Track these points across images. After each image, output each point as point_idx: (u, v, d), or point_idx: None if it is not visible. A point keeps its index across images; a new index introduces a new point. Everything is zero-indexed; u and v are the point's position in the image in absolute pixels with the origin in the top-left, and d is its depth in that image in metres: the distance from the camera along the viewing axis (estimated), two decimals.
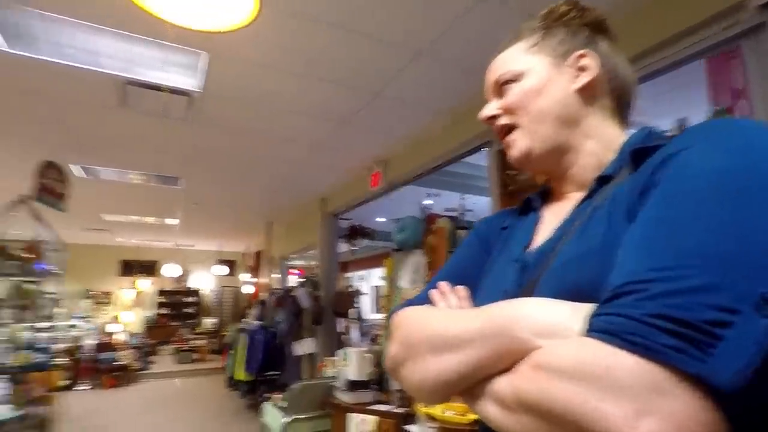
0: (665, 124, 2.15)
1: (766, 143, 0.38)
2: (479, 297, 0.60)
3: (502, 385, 0.41)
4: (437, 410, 1.92)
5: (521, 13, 1.89)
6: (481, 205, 3.63)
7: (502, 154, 2.63)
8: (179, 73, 2.45)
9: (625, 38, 1.89)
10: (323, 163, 4.14)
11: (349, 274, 11.26)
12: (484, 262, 0.65)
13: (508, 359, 0.41)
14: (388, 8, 1.92)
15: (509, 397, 0.39)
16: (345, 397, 2.50)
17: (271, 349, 5.28)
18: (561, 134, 0.58)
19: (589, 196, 0.54)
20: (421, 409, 1.99)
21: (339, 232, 5.50)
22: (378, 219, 7.09)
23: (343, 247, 5.94)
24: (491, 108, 0.64)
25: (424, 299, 0.63)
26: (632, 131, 0.60)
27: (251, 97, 2.75)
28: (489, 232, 0.70)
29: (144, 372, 7.72)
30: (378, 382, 2.65)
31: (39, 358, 3.62)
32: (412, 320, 0.56)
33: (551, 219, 0.60)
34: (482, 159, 2.99)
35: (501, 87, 0.63)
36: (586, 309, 0.38)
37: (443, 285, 0.63)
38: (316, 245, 5.54)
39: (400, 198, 5.08)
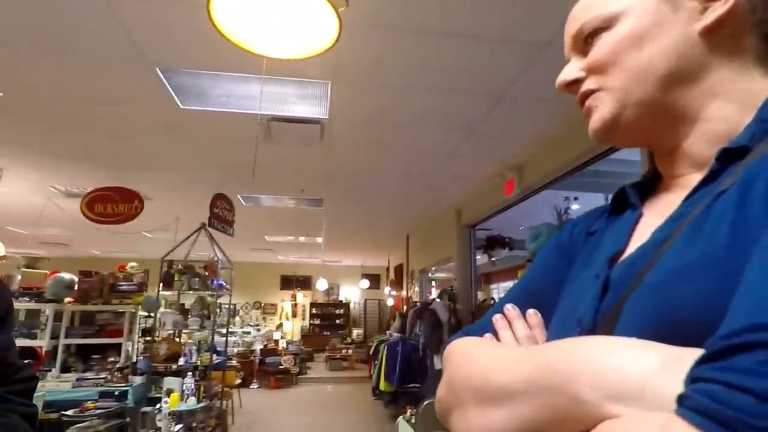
0: None
1: None
2: (551, 327, 0.45)
3: None
4: None
5: None
6: None
7: None
8: (309, 104, 2.67)
9: None
10: (454, 174, 4.07)
11: (493, 286, 10.88)
12: (563, 278, 0.49)
13: (570, 425, 0.28)
14: (496, 7, 1.79)
15: None
16: None
17: (410, 361, 5.34)
18: (671, 95, 0.41)
19: (708, 180, 0.37)
20: None
21: (476, 243, 5.34)
22: (521, 227, 6.70)
23: (482, 258, 5.74)
24: (572, 69, 0.47)
25: (486, 326, 0.49)
26: None
27: (373, 116, 2.84)
28: (573, 239, 0.53)
29: (302, 376, 8.55)
30: None
31: (218, 359, 4.26)
32: (459, 357, 0.44)
33: (654, 216, 0.42)
34: (634, 153, 2.56)
35: (587, 40, 0.45)
36: (686, 357, 0.24)
37: (510, 308, 0.49)
38: (453, 257, 5.46)
39: (543, 203, 4.70)
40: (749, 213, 0.29)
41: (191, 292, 4.11)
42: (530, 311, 0.48)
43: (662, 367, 0.25)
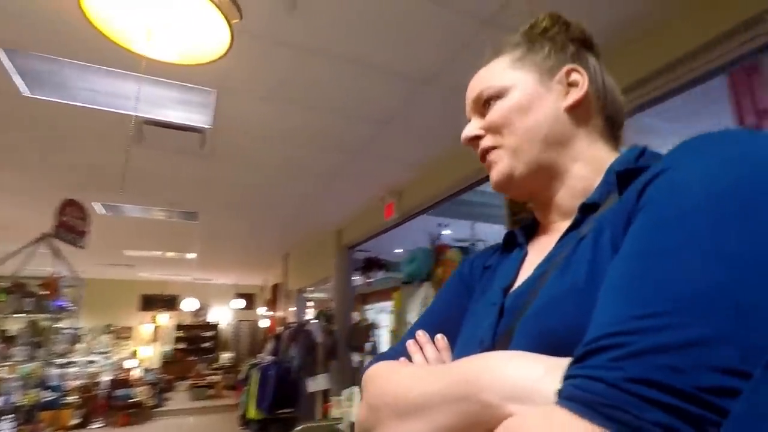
0: None
1: (760, 158, 0.30)
2: (458, 348, 0.53)
3: None
4: None
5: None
6: (493, 234, 3.54)
7: None
8: (190, 111, 2.51)
9: (641, 56, 1.84)
10: (337, 195, 4.15)
11: (368, 307, 11.14)
12: (465, 307, 0.59)
13: (478, 428, 0.34)
14: (389, 38, 1.94)
15: None
16: None
17: (284, 385, 5.16)
18: (548, 156, 0.52)
19: (573, 227, 0.48)
20: None
21: (354, 264, 5.45)
22: (396, 250, 7.03)
23: (359, 279, 5.87)
24: (473, 128, 0.58)
25: (399, 351, 0.56)
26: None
27: (259, 131, 2.79)
28: (472, 273, 0.63)
29: (159, 409, 7.62)
30: None
31: (50, 396, 3.59)
32: (378, 380, 0.50)
33: (535, 255, 0.53)
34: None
35: (483, 105, 0.58)
36: (565, 365, 0.31)
37: (421, 334, 0.56)
38: (331, 278, 5.49)
39: (416, 228, 5.03)
40: (600, 254, 0.39)
41: (21, 315, 3.44)
42: (438, 336, 0.55)
43: (546, 373, 0.32)
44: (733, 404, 0.22)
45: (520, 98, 0.54)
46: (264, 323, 9.45)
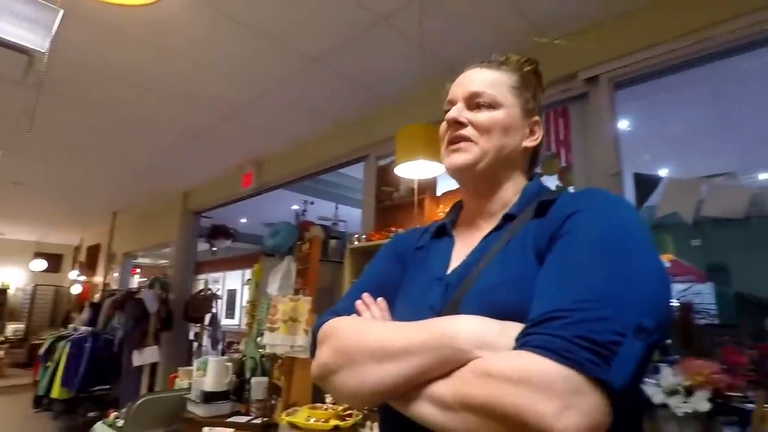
0: None
1: (631, 212, 0.54)
2: (401, 310, 0.66)
3: (442, 389, 0.48)
4: (300, 418, 1.92)
5: (415, 44, 2.06)
6: (353, 216, 3.76)
7: (379, 169, 2.79)
8: (21, 26, 2.04)
9: None
10: (192, 156, 3.82)
11: (201, 276, 10.43)
12: (400, 277, 0.72)
13: (448, 367, 0.48)
14: (291, 13, 1.92)
15: (451, 399, 0.46)
16: (199, 411, 2.31)
17: (101, 359, 4.57)
18: (500, 168, 0.68)
19: (496, 229, 0.65)
20: (284, 418, 1.97)
21: (199, 231, 5.10)
22: (242, 220, 6.77)
23: (202, 247, 5.50)
24: (463, 114, 0.68)
25: (348, 309, 0.67)
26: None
27: (108, 70, 2.42)
28: (405, 249, 0.76)
29: None
30: (237, 392, 2.52)
31: None
32: (347, 331, 0.60)
33: (463, 245, 0.69)
34: (356, 171, 3.11)
35: (476, 101, 0.68)
36: (512, 327, 0.48)
37: (367, 296, 0.67)
38: (171, 243, 5.03)
39: (271, 201, 4.95)
40: (527, 256, 0.56)
41: None
42: (380, 299, 0.67)
43: (500, 331, 0.48)
44: (619, 349, 0.41)
45: (507, 121, 0.68)
46: (75, 289, 8.07)
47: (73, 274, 8.11)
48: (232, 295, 9.78)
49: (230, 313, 9.59)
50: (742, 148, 3.49)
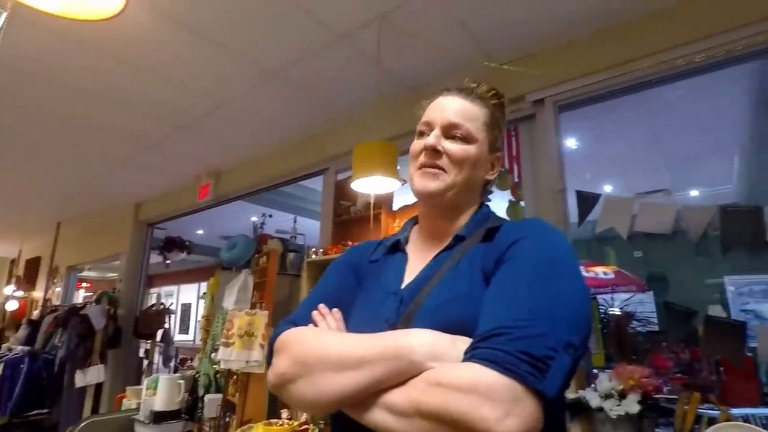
0: None
1: (563, 240, 0.62)
2: (357, 321, 0.69)
3: (397, 397, 0.52)
4: None
5: (372, 62, 2.12)
6: (311, 228, 3.76)
7: (338, 183, 2.82)
8: None
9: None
10: (147, 166, 3.70)
11: (154, 289, 9.96)
12: (355, 289, 0.76)
13: (402, 377, 0.52)
14: (251, 27, 1.93)
15: (406, 406, 0.50)
16: None
17: (39, 381, 4.28)
18: (463, 198, 0.74)
19: (447, 249, 0.71)
20: None
21: (153, 243, 4.91)
22: (199, 232, 6.58)
23: (155, 259, 5.28)
24: (440, 143, 0.72)
25: (305, 319, 0.70)
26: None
27: (61, 74, 2.33)
28: (359, 262, 0.80)
29: None
30: (189, 411, 2.44)
31: None
32: (305, 341, 0.63)
33: (416, 261, 0.74)
34: (316, 184, 3.13)
35: (452, 132, 0.73)
36: (460, 340, 0.53)
37: (323, 307, 0.70)
38: (121, 255, 4.81)
39: (229, 214, 4.85)
40: (474, 276, 0.62)
41: None
42: (335, 310, 0.70)
43: (451, 343, 0.53)
44: (552, 362, 0.47)
45: (477, 156, 0.73)
46: (11, 306, 7.50)
47: (9, 289, 7.54)
48: (187, 309, 9.41)
49: (185, 329, 9.21)
50: (674, 167, 3.79)
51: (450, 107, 0.74)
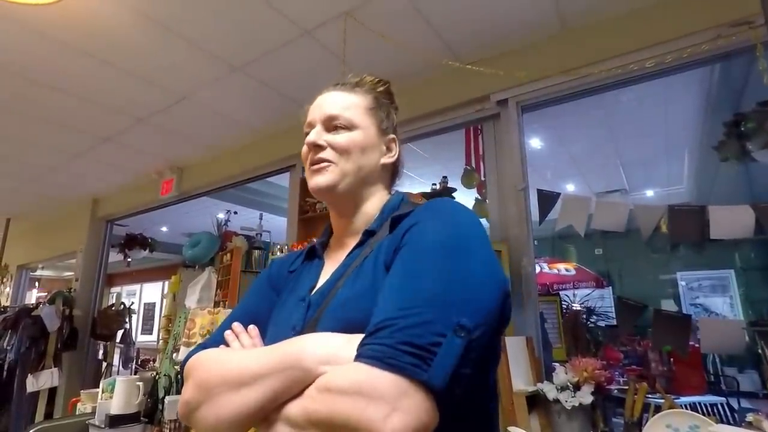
0: (435, 177, 2.69)
1: (466, 219, 0.58)
2: (271, 333, 0.66)
3: (293, 409, 0.49)
4: None
5: (338, 58, 2.11)
6: (278, 225, 3.71)
7: (304, 179, 2.77)
8: None
9: (411, 103, 2.30)
10: (104, 160, 3.55)
11: (115, 288, 9.58)
12: (273, 302, 0.73)
13: (299, 386, 0.49)
14: (214, 19, 1.89)
15: (300, 417, 0.48)
16: None
17: None
18: (360, 187, 0.72)
19: (359, 245, 0.68)
20: None
21: (112, 240, 4.72)
22: (163, 229, 6.38)
23: (115, 257, 5.07)
24: (320, 137, 0.71)
25: (218, 341, 0.67)
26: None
27: (20, 67, 2.21)
28: (279, 275, 0.78)
29: None
30: (149, 413, 2.36)
31: None
32: (207, 363, 0.60)
33: (331, 264, 0.71)
34: (284, 180, 3.09)
35: (333, 123, 0.71)
36: (355, 339, 0.49)
37: (236, 326, 0.68)
38: (77, 253, 4.60)
39: (193, 210, 4.73)
40: (377, 271, 0.59)
41: None
42: (251, 326, 0.67)
43: (343, 344, 0.50)
44: (438, 349, 0.44)
45: (364, 141, 0.71)
46: None
47: None
48: (150, 308, 9.11)
49: (148, 329, 8.92)
50: (630, 168, 3.97)
51: (327, 102, 0.74)
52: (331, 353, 0.49)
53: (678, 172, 4.08)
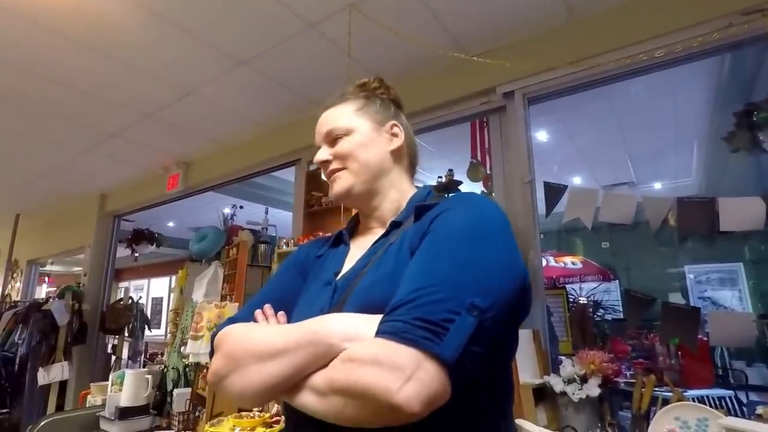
0: (441, 170, 2.68)
1: (492, 211, 0.61)
2: (297, 316, 0.69)
3: (317, 378, 0.53)
4: (225, 428, 1.87)
5: (343, 51, 2.10)
6: (284, 219, 3.72)
7: (309, 174, 2.79)
8: None
9: (418, 97, 2.27)
10: (113, 155, 3.57)
11: (123, 283, 9.68)
12: (300, 287, 0.77)
13: (322, 361, 0.53)
14: (220, 14, 1.88)
15: (323, 385, 0.52)
16: (113, 429, 2.16)
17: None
18: (375, 181, 0.76)
19: (385, 235, 0.72)
20: (207, 429, 1.91)
21: (120, 236, 4.76)
22: (170, 224, 6.41)
23: (123, 253, 5.12)
24: (324, 154, 0.77)
25: (247, 317, 0.70)
26: (419, 186, 0.81)
27: (25, 62, 2.23)
28: (306, 260, 0.81)
29: None
30: (158, 406, 2.39)
31: None
32: (237, 336, 0.64)
33: (357, 251, 0.75)
34: (289, 174, 3.09)
35: (332, 137, 0.77)
36: (376, 318, 0.53)
37: (267, 308, 0.71)
38: (86, 248, 4.65)
39: (199, 205, 4.75)
40: (402, 256, 0.63)
41: None
42: (280, 312, 0.70)
43: (365, 323, 0.53)
44: (451, 325, 0.47)
45: (362, 139, 0.76)
46: None
47: None
48: (157, 303, 9.20)
49: (156, 323, 9.01)
50: (638, 161, 3.92)
51: (321, 123, 0.80)
52: (353, 331, 0.53)
53: (687, 164, 4.03)
